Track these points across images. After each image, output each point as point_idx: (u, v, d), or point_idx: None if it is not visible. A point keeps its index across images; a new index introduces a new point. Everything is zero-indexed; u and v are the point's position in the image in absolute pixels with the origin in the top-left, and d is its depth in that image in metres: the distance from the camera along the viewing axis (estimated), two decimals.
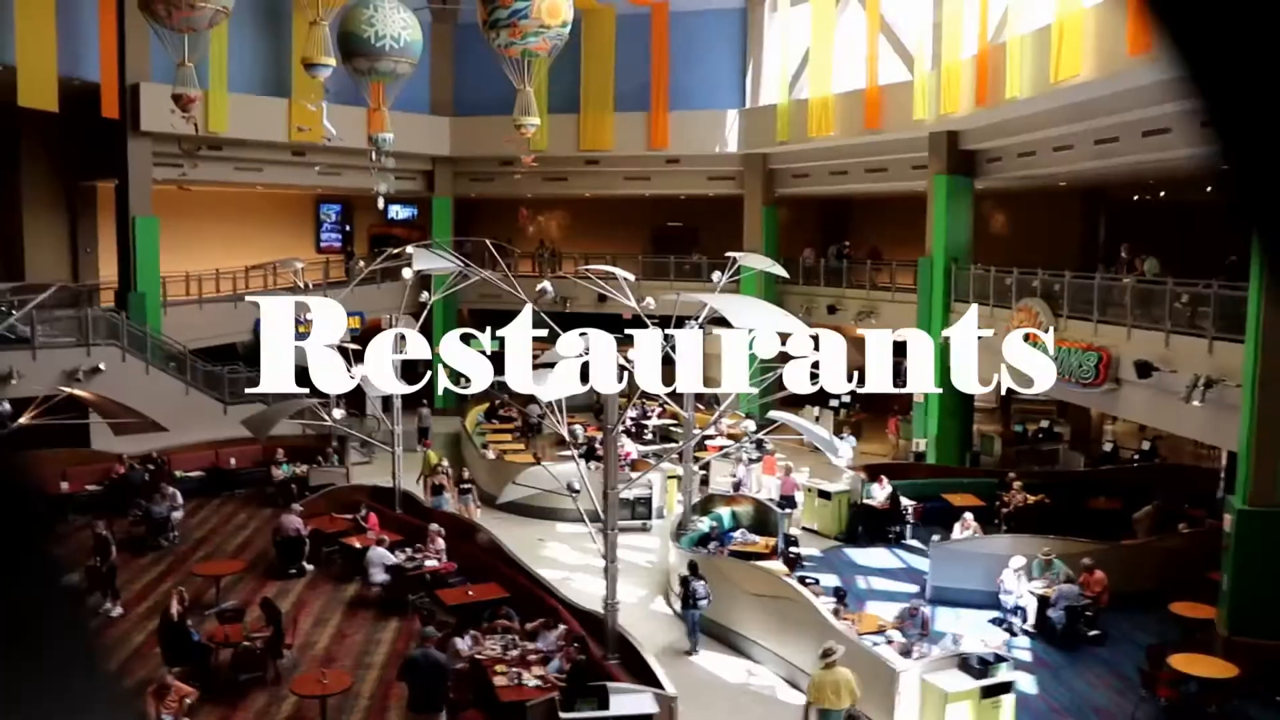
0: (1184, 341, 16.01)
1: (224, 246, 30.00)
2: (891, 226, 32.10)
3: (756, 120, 29.48)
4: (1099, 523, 19.22)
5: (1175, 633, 15.10)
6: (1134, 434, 27.35)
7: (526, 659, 13.16)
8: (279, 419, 19.05)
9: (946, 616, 16.18)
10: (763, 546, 17.81)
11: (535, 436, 27.22)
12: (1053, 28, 17.47)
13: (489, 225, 33.97)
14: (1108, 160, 19.50)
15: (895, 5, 25.22)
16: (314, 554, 18.69)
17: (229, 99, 25.87)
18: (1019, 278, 21.23)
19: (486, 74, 26.31)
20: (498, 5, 19.04)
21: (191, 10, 17.19)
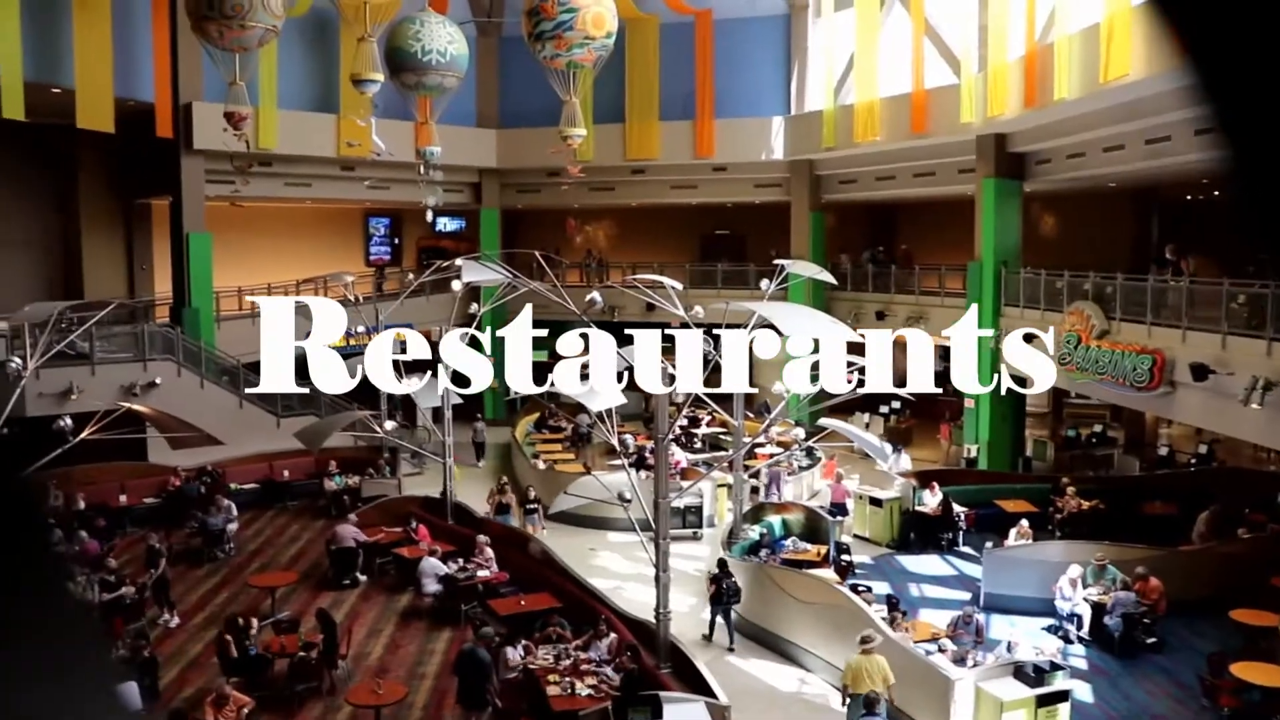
0: (1242, 343, 15.75)
1: (275, 261, 30.42)
2: (939, 230, 31.87)
3: (802, 126, 29.40)
4: (1155, 528, 18.95)
5: (1237, 641, 14.82)
6: (1190, 437, 26.92)
7: (579, 668, 13.20)
8: (331, 431, 19.23)
9: (1001, 624, 16.01)
10: (814, 554, 17.72)
11: (585, 446, 27.27)
12: (1101, 27, 17.30)
13: (536, 236, 34.19)
14: (1159, 160, 19.26)
15: (940, 8, 25.05)
16: (367, 565, 18.86)
17: (279, 116, 26.26)
18: (1070, 280, 21.00)
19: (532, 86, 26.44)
20: (542, 18, 19.15)
21: (242, 30, 17.47)
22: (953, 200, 27.55)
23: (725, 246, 34.76)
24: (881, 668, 12.11)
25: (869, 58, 26.17)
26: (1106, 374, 18.69)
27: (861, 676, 12.05)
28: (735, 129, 30.20)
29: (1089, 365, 19.28)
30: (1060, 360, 20.09)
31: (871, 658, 12.19)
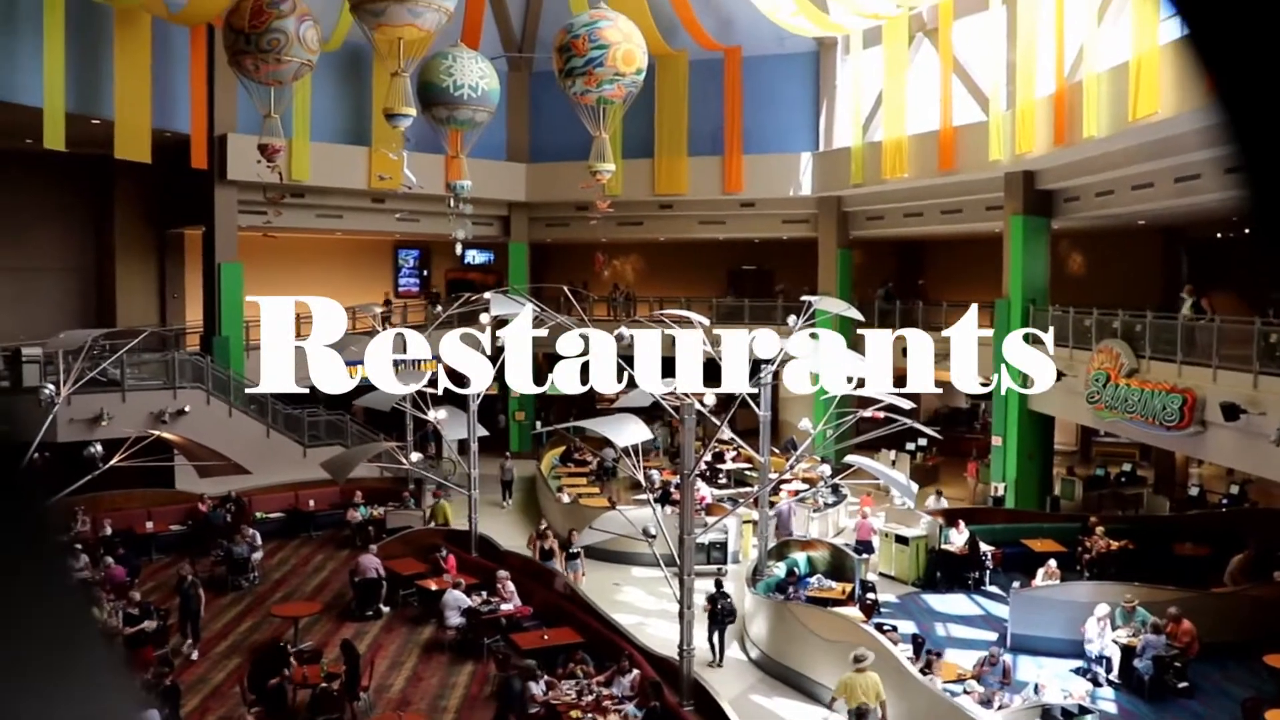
0: (1274, 382, 15.59)
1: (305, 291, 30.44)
2: (967, 267, 31.82)
3: (830, 163, 29.46)
4: (1186, 570, 18.70)
5: (1270, 686, 14.60)
6: (1221, 477, 26.63)
7: (601, 704, 13.14)
8: (357, 462, 19.30)
9: (1028, 665, 15.83)
10: (839, 592, 17.60)
11: (610, 480, 27.27)
12: (1130, 65, 17.29)
13: (564, 270, 34.33)
14: (1188, 198, 19.16)
15: (968, 45, 25.13)
16: (390, 596, 18.87)
17: (311, 148, 26.59)
18: (1099, 319, 20.89)
19: (562, 121, 26.68)
20: (573, 54, 19.32)
21: (278, 64, 17.74)
22: (981, 237, 27.51)
23: (753, 282, 34.78)
24: (875, 684, 12.44)
25: (897, 95, 26.23)
26: (1136, 413, 18.53)
27: (855, 692, 12.35)
28: (763, 165, 30.29)
29: (1118, 404, 19.13)
30: (1089, 399, 19.97)
31: (865, 675, 12.51)
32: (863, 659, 12.71)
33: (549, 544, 19.46)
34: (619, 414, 14.86)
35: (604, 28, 19.27)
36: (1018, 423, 23.70)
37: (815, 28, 27.26)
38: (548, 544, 19.45)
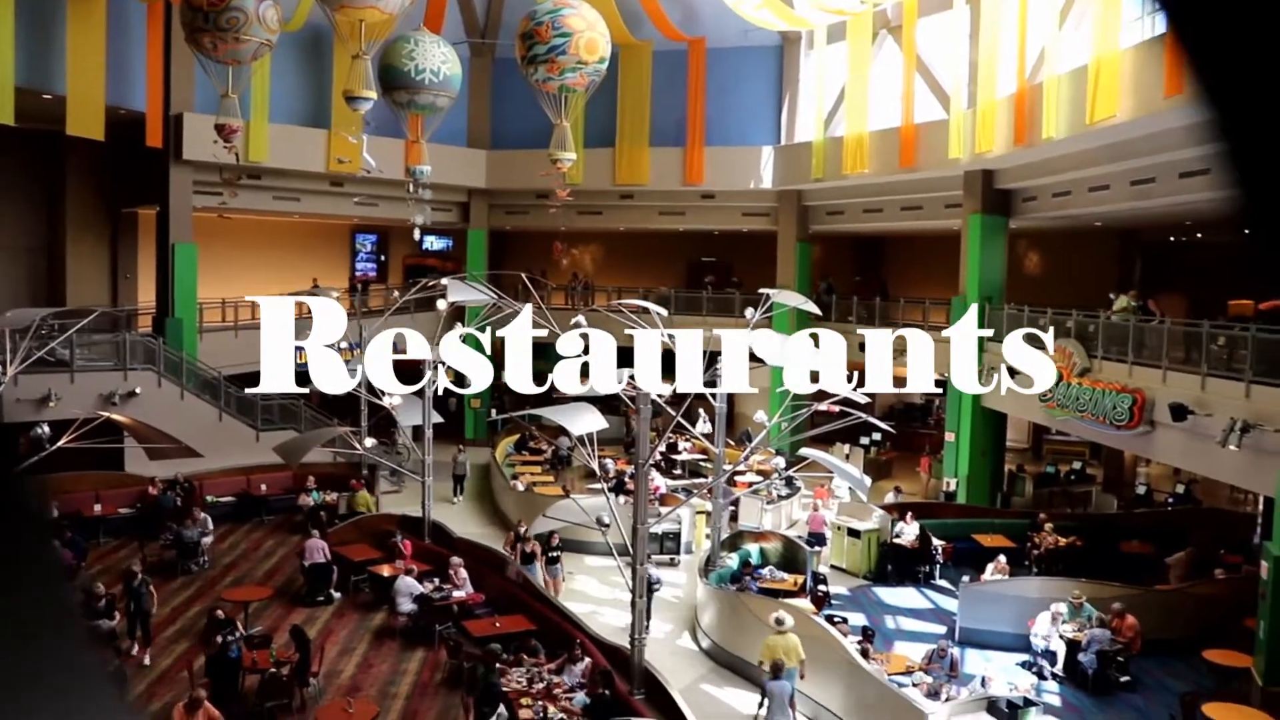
0: (1221, 384, 15.85)
1: (260, 274, 30.35)
2: (925, 264, 32.07)
3: (791, 157, 29.55)
4: (1131, 567, 19.00)
5: (1210, 681, 14.89)
6: (1168, 477, 27.02)
7: (552, 692, 13.14)
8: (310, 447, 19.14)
9: (975, 658, 16.02)
10: (791, 584, 17.71)
11: (565, 469, 27.24)
12: (1089, 68, 17.46)
13: (523, 257, 34.21)
14: (1144, 201, 19.40)
15: (931, 44, 25.29)
16: (342, 582, 18.76)
17: (270, 129, 26.26)
18: (1053, 318, 21.11)
19: (523, 108, 26.57)
20: (536, 41, 19.25)
21: (237, 43, 17.51)
22: (939, 235, 27.71)
23: (711, 274, 34.83)
24: (795, 646, 13.48)
25: (860, 91, 26.36)
26: (1087, 411, 18.77)
27: (776, 652, 13.21)
28: (725, 157, 30.33)
29: (1070, 402, 19.36)
30: (1041, 397, 20.18)
31: (785, 637, 13.58)
32: (782, 622, 13.75)
33: (530, 546, 18.45)
34: (575, 403, 14.84)
35: (567, 15, 19.22)
36: (971, 419, 23.92)
37: (780, 22, 27.31)
38: (529, 546, 18.45)
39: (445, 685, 15.02)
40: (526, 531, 18.48)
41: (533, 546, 18.43)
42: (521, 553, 18.40)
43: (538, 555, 18.40)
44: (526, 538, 18.45)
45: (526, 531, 18.48)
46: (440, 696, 14.67)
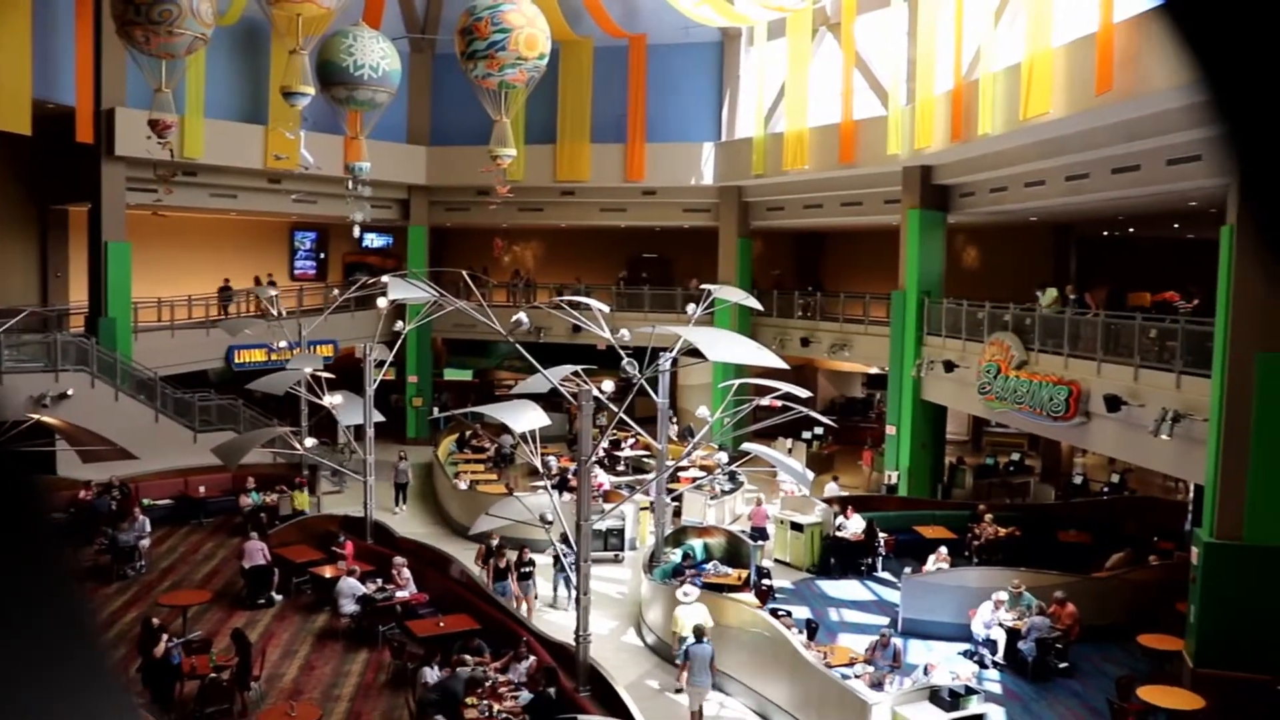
0: (1153, 376, 16.17)
1: (197, 273, 29.88)
2: (865, 259, 32.35)
3: (732, 153, 29.66)
4: (1069, 555, 19.31)
5: (1144, 665, 15.22)
6: (1104, 467, 27.55)
7: (497, 691, 13.08)
8: (249, 447, 18.92)
9: (918, 648, 16.20)
10: (735, 578, 17.78)
11: (508, 467, 27.14)
12: (1023, 66, 17.70)
13: (464, 254, 34.03)
14: (1078, 196, 19.71)
15: (870, 41, 25.50)
16: (283, 584, 18.54)
17: (205, 125, 25.84)
18: (991, 312, 21.40)
19: (464, 104, 26.40)
20: (475, 37, 19.13)
21: (170, 36, 17.20)
22: (879, 230, 27.96)
23: (653, 270, 34.87)
24: (700, 614, 14.39)
25: (799, 87, 26.52)
26: (1024, 404, 19.05)
27: (685, 622, 14.29)
28: (666, 153, 30.37)
29: (1008, 395, 19.64)
30: (980, 389, 20.47)
31: (692, 606, 14.65)
32: (688, 594, 15.02)
33: (504, 562, 17.37)
34: (517, 400, 14.79)
35: (507, 11, 19.11)
36: (912, 412, 24.18)
37: (720, 18, 27.40)
38: (503, 562, 17.38)
39: (389, 686, 14.90)
40: (500, 546, 17.69)
41: (506, 562, 17.40)
42: (495, 569, 17.44)
43: (511, 571, 17.32)
44: (500, 552, 17.55)
45: (500, 546, 17.69)
46: (384, 698, 14.56)
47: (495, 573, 17.32)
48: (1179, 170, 16.32)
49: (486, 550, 17.90)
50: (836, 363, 31.33)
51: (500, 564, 17.37)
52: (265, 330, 24.44)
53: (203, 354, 27.25)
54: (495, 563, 17.44)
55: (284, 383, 21.75)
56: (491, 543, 17.82)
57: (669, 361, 16.07)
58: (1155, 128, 16.02)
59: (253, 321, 25.22)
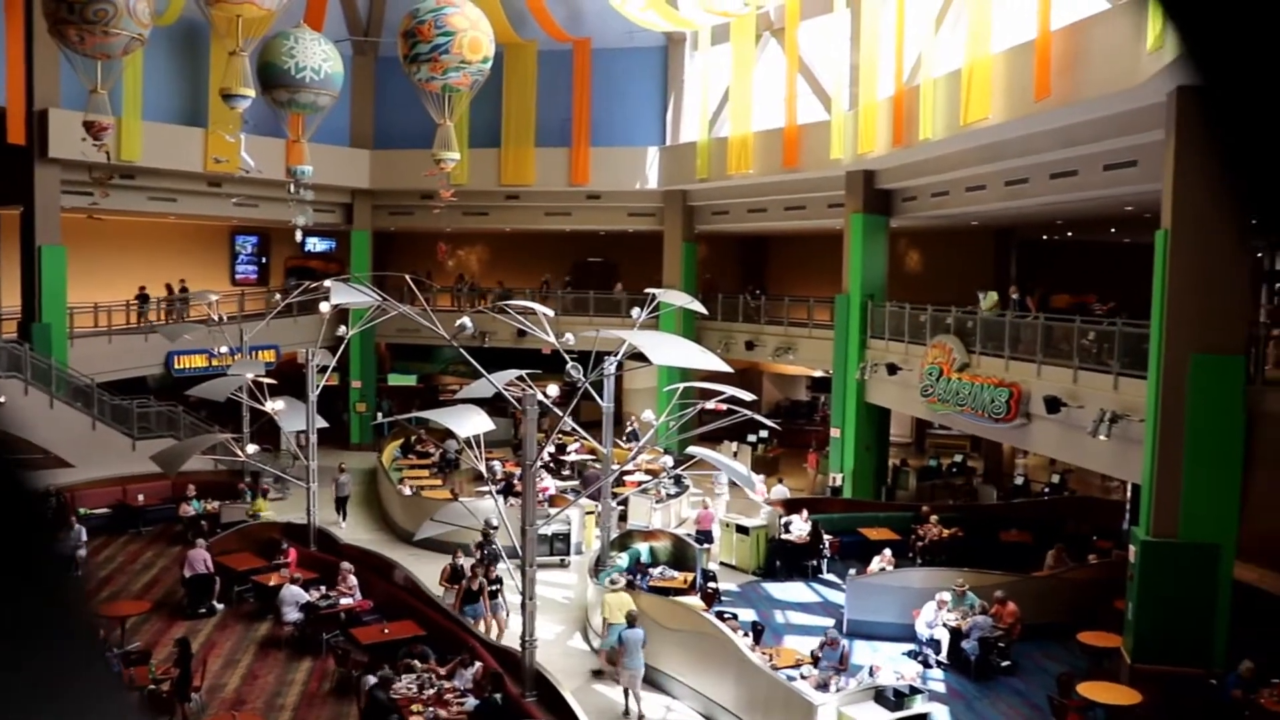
0: (1091, 377, 16.42)
1: (135, 277, 29.38)
2: (809, 263, 32.56)
3: (677, 157, 29.73)
4: (1011, 555, 19.56)
5: (1084, 662, 15.45)
6: (1044, 468, 27.93)
7: (443, 697, 12.99)
8: (189, 454, 18.67)
9: (863, 649, 16.31)
10: (681, 582, 17.80)
11: (452, 472, 26.97)
12: (963, 72, 17.92)
13: (408, 259, 33.79)
14: (1018, 201, 19.98)
15: (813, 46, 25.70)
16: (224, 592, 18.27)
17: (143, 127, 25.41)
18: (933, 315, 21.62)
19: (407, 107, 26.20)
20: (419, 40, 19.02)
21: (105, 37, 16.91)
22: (823, 234, 28.15)
23: (598, 274, 34.85)
24: (627, 602, 15.08)
25: (743, 92, 26.65)
26: (966, 405, 19.27)
27: (615, 609, 14.98)
28: (610, 158, 30.37)
29: (950, 397, 19.85)
30: (923, 392, 20.67)
31: (618, 594, 15.44)
32: (616, 582, 16.07)
33: (476, 583, 16.22)
34: (461, 405, 14.71)
35: (450, 14, 19.03)
36: (855, 415, 24.35)
37: (664, 23, 27.45)
38: (476, 584, 16.22)
39: (334, 694, 14.73)
40: (473, 565, 16.65)
41: (480, 584, 16.16)
42: (465, 590, 16.22)
43: (484, 592, 16.24)
44: (473, 573, 16.36)
45: (473, 565, 16.65)
46: (329, 705, 14.40)
47: (465, 595, 16.20)
48: (1115, 175, 16.61)
49: (453, 570, 17.08)
50: (781, 366, 31.51)
51: (474, 585, 16.16)
52: (206, 336, 24.10)
53: (141, 360, 26.79)
54: (467, 584, 16.30)
55: (225, 389, 21.45)
56: (458, 561, 17.12)
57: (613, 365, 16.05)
58: (1092, 133, 16.30)
59: (193, 327, 24.87)
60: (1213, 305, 13.63)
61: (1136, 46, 13.27)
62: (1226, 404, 13.61)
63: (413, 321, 15.57)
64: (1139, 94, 13.78)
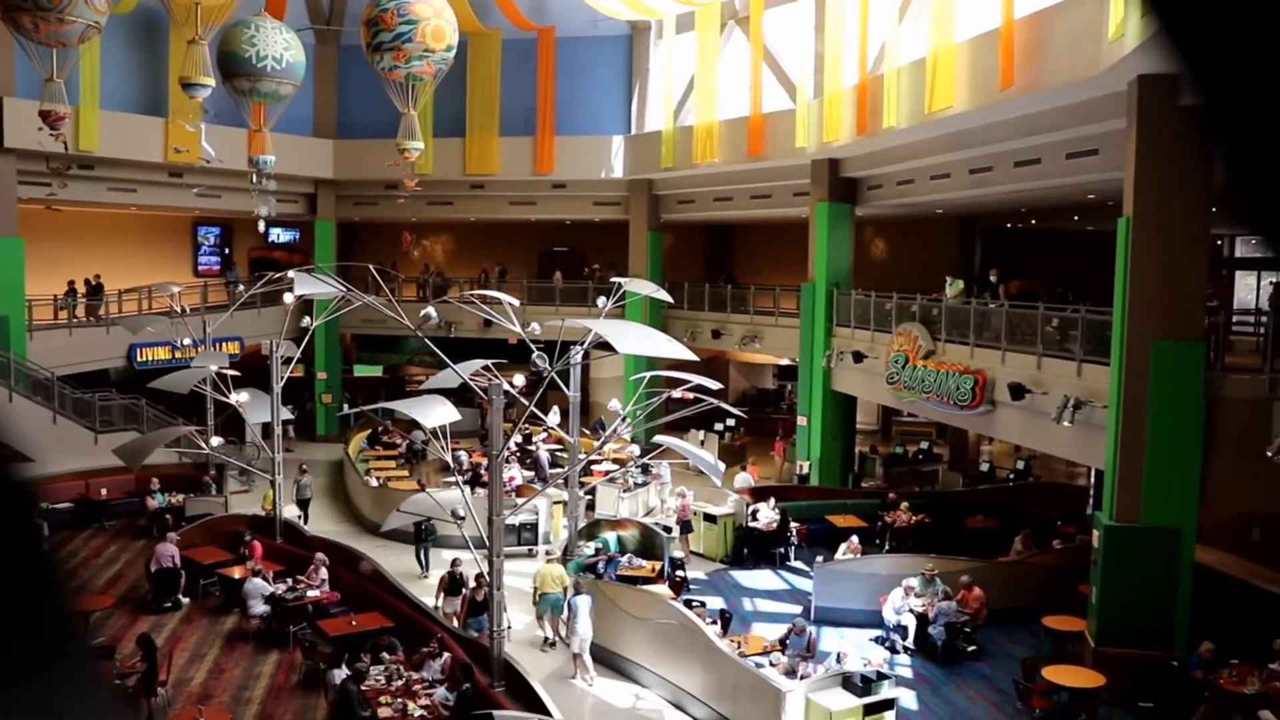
0: (1054, 364, 16.55)
1: (96, 269, 29.01)
2: (775, 251, 32.60)
3: (642, 146, 29.69)
4: (977, 541, 19.72)
5: (1048, 645, 15.61)
6: (1009, 454, 28.14)
7: (411, 688, 12.95)
8: (153, 448, 18.46)
9: (830, 636, 16.40)
10: (649, 570, 17.82)
11: (419, 463, 26.85)
12: (928, 61, 17.98)
13: (373, 249, 33.61)
14: (982, 189, 20.09)
15: (778, 35, 25.72)
16: (190, 586, 18.12)
17: (101, 116, 25.05)
18: (898, 302, 21.71)
19: (371, 96, 26.04)
20: (381, 28, 18.89)
21: (61, 24, 16.66)
22: (788, 222, 28.21)
23: (564, 263, 34.76)
24: (561, 574, 15.89)
25: (709, 81, 26.63)
26: (932, 393, 19.37)
27: (548, 580, 15.74)
28: (575, 147, 30.29)
29: (916, 384, 19.95)
30: (889, 379, 20.77)
31: (551, 566, 16.16)
32: (550, 554, 17.06)
33: (482, 594, 14.68)
34: (427, 395, 14.64)
35: (413, 3, 18.92)
36: (822, 403, 24.44)
37: (629, 11, 27.39)
38: (481, 594, 14.78)
39: (301, 687, 14.66)
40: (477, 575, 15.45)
41: (484, 594, 14.46)
42: (470, 601, 15.21)
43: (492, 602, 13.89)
44: (478, 584, 15.11)
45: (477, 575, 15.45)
46: (296, 699, 14.32)
47: (471, 605, 15.12)
48: (1078, 164, 16.73)
49: (450, 580, 16.19)
50: (748, 354, 31.59)
51: (479, 596, 14.87)
52: (168, 328, 23.87)
53: (103, 353, 26.48)
54: (472, 594, 15.20)
55: (188, 381, 21.27)
56: (457, 571, 16.33)
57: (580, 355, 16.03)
58: (1055, 122, 16.41)
59: (155, 319, 24.60)
60: (1174, 293, 13.78)
61: (1098, 35, 13.36)
62: (1187, 390, 13.77)
63: (378, 312, 15.48)
64: (1101, 83, 13.88)
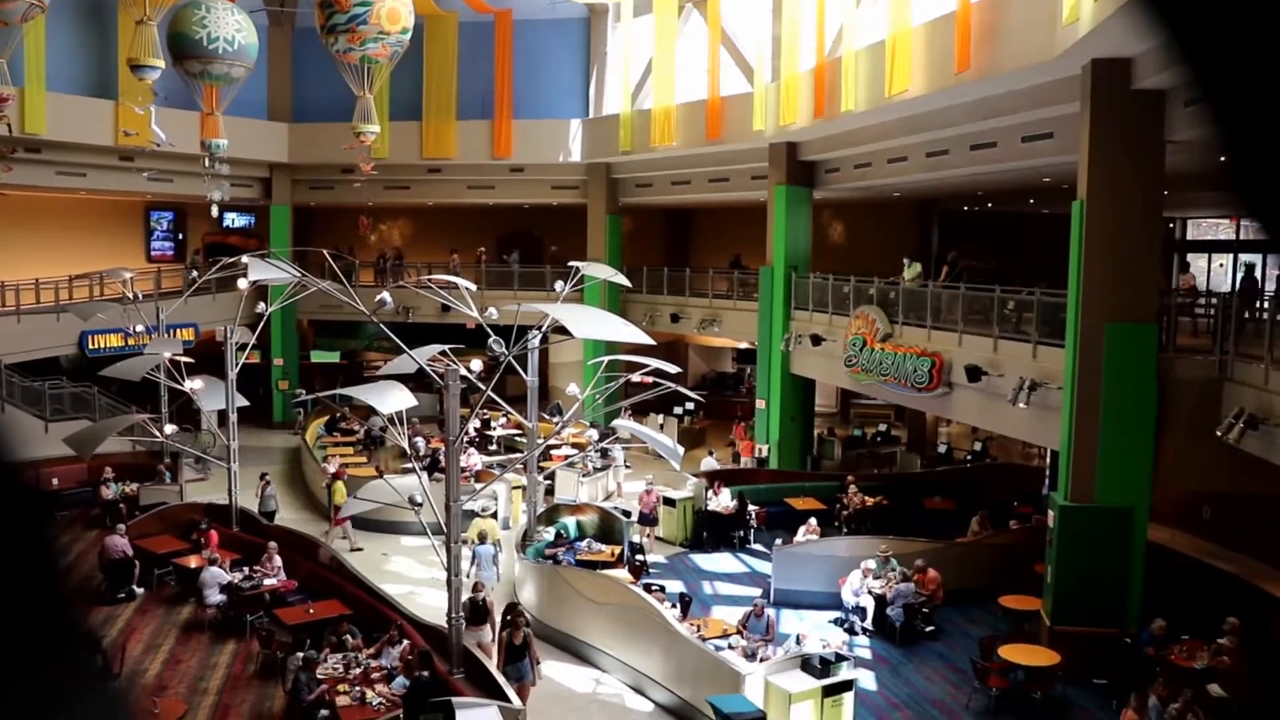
0: (1010, 346, 16.67)
1: (45, 255, 28.54)
2: (733, 234, 32.62)
3: (600, 130, 29.58)
4: (935, 522, 19.88)
5: (1005, 625, 15.78)
6: (967, 435, 28.39)
7: (369, 676, 12.88)
8: (105, 436, 18.22)
9: (790, 618, 16.49)
10: (608, 555, 17.82)
11: (378, 449, 26.67)
12: (885, 44, 18.01)
13: (329, 234, 33.31)
14: (939, 172, 20.17)
15: (736, 18, 25.67)
16: (144, 576, 17.91)
17: (48, 98, 24.59)
18: (856, 285, 21.78)
19: (326, 79, 25.76)
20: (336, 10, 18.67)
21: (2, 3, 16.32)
22: (747, 205, 28.22)
23: (522, 248, 34.57)
24: (494, 527, 17.82)
25: (666, 64, 26.55)
26: (890, 375, 19.47)
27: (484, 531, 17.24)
28: (533, 130, 30.13)
29: (873, 367, 20.04)
30: (846, 362, 20.85)
31: (486, 520, 17.98)
32: (486, 509, 18.53)
33: (520, 637, 13.14)
34: (384, 381, 14.53)
35: None
36: (780, 386, 24.51)
37: None
38: (519, 637, 13.15)
39: (259, 677, 14.54)
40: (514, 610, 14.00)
41: (524, 636, 13.16)
42: (508, 645, 13.22)
43: (530, 647, 13.21)
44: (515, 622, 13.35)
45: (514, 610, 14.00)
46: (254, 688, 14.20)
47: (509, 650, 13.18)
48: (1033, 147, 16.83)
49: (473, 608, 14.07)
50: (706, 338, 31.62)
51: (517, 640, 13.13)
52: (121, 314, 23.52)
53: (53, 340, 26.06)
54: (509, 637, 13.24)
55: (141, 368, 20.97)
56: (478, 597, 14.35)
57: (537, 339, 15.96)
58: (1011, 105, 16.49)
59: (107, 305, 24.24)
60: (1127, 275, 13.90)
61: (1053, 19, 13.42)
62: (1140, 371, 13.92)
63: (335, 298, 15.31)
64: (1056, 66, 13.96)
